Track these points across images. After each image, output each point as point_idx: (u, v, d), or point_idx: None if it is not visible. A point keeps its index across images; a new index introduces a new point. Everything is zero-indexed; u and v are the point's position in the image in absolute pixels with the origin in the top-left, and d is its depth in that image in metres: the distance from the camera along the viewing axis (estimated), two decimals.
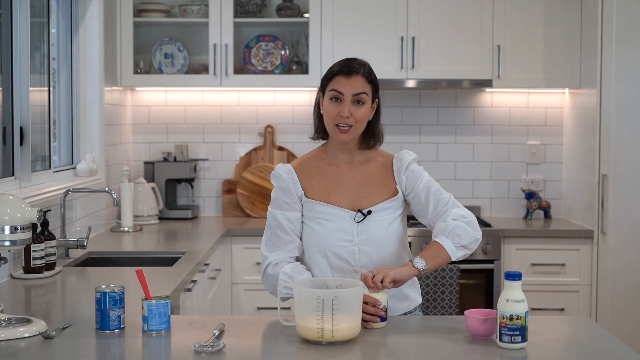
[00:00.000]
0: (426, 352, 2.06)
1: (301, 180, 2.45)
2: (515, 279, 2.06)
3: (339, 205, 2.42)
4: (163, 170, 4.75)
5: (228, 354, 1.98)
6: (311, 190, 2.44)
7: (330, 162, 2.48)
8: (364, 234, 2.40)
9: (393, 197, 2.44)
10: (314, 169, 2.47)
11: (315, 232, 2.42)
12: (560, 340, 2.23)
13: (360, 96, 2.38)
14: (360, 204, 2.42)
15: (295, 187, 2.44)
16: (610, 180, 4.29)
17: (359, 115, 2.38)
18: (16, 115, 3.29)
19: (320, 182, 2.45)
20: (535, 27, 4.60)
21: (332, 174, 2.46)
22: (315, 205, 2.42)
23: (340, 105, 2.37)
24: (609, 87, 4.26)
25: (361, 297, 2.11)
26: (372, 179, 2.46)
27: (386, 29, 4.56)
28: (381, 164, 2.49)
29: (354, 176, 2.46)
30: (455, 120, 4.95)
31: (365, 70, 2.41)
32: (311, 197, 2.43)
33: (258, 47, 4.75)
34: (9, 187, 3.19)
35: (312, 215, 2.43)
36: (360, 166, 2.47)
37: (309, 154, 2.53)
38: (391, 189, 2.46)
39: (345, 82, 2.37)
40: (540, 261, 4.40)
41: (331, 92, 2.38)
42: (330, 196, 2.43)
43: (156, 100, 4.93)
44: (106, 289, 2.15)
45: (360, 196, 2.43)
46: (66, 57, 4.10)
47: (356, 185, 2.44)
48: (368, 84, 2.40)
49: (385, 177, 2.47)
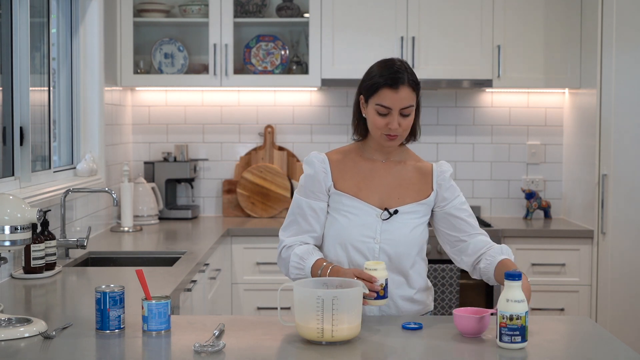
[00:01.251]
0: (426, 352, 2.06)
1: (333, 171, 2.45)
2: (515, 279, 2.06)
3: (368, 201, 2.42)
4: (163, 170, 4.75)
5: (228, 354, 1.98)
6: (342, 183, 2.44)
7: (366, 158, 2.48)
8: (387, 233, 2.40)
9: (423, 201, 2.45)
10: (349, 162, 2.47)
11: (340, 224, 2.41)
12: (560, 340, 2.23)
13: (407, 109, 2.37)
14: (390, 203, 2.43)
15: (325, 177, 2.44)
16: (610, 180, 4.29)
17: (407, 125, 2.39)
18: (16, 115, 3.29)
19: (353, 176, 2.45)
20: (535, 27, 4.60)
21: (366, 170, 2.46)
22: (343, 198, 2.43)
23: (387, 117, 2.36)
24: (609, 87, 4.26)
25: (361, 297, 2.11)
26: (406, 181, 2.47)
27: (386, 29, 4.56)
28: (417, 168, 2.50)
29: (387, 175, 2.46)
30: (455, 120, 4.95)
31: (409, 77, 2.38)
32: (341, 190, 2.43)
33: (258, 47, 4.75)
34: (9, 187, 3.19)
35: (339, 207, 2.43)
36: (396, 167, 2.48)
37: (346, 147, 2.54)
38: (424, 194, 2.47)
39: (393, 97, 2.35)
40: (540, 261, 4.40)
41: (378, 107, 2.36)
42: (360, 191, 2.43)
43: (156, 100, 4.93)
44: (106, 289, 2.16)
45: (391, 196, 2.44)
46: (66, 57, 4.10)
47: (389, 185, 2.45)
48: (413, 92, 2.38)
49: (420, 182, 2.48)
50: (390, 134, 2.37)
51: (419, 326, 2.23)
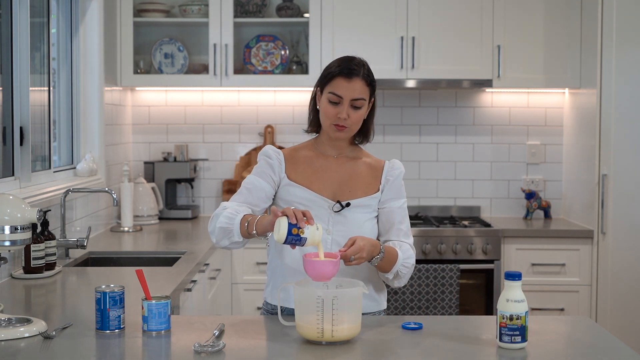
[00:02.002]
0: (426, 352, 2.06)
1: (287, 164, 2.48)
2: (515, 279, 2.06)
3: (320, 193, 2.43)
4: (163, 170, 4.75)
5: (228, 354, 1.98)
6: (295, 176, 2.47)
7: (319, 154, 2.50)
8: (340, 225, 2.41)
9: (373, 195, 2.46)
10: (302, 158, 2.50)
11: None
12: (560, 340, 2.23)
13: (358, 102, 2.39)
14: (341, 196, 2.44)
15: (279, 167, 2.47)
16: (610, 180, 4.29)
17: (357, 118, 2.41)
18: (16, 115, 3.29)
19: (305, 169, 2.48)
20: (535, 27, 4.60)
21: (318, 165, 2.48)
22: (296, 190, 2.44)
23: (338, 107, 2.39)
24: (609, 87, 4.26)
25: (361, 297, 2.11)
26: (357, 175, 2.48)
27: (386, 29, 4.56)
28: (368, 164, 2.51)
29: (339, 170, 2.48)
30: (455, 120, 4.95)
31: (364, 72, 2.41)
32: (294, 181, 2.45)
33: (258, 47, 4.75)
34: (9, 187, 3.19)
35: (292, 199, 2.44)
36: (348, 162, 2.50)
37: (301, 144, 2.57)
38: (374, 189, 2.48)
39: (346, 86, 2.38)
40: (540, 261, 4.40)
41: (330, 95, 2.40)
42: (313, 184, 2.45)
43: (156, 100, 4.93)
44: (106, 289, 2.15)
45: (343, 189, 2.45)
46: (66, 57, 4.10)
47: (340, 179, 2.47)
48: (367, 87, 2.41)
49: (371, 177, 2.49)
50: (339, 124, 2.39)
51: (419, 326, 2.23)
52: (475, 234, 4.38)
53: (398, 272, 2.39)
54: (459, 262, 4.33)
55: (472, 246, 4.35)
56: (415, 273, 4.22)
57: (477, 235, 4.37)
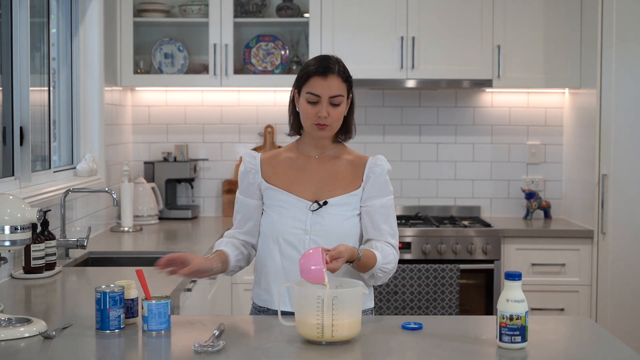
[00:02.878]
0: (426, 352, 2.06)
1: (265, 168, 2.49)
2: (515, 279, 2.06)
3: (299, 195, 2.44)
4: (163, 170, 4.75)
5: (228, 354, 1.98)
6: (274, 179, 2.48)
7: (299, 154, 2.51)
8: (317, 224, 2.41)
9: (353, 192, 2.45)
10: (282, 160, 2.51)
11: (271, 218, 2.45)
12: (560, 340, 2.23)
13: (336, 98, 2.40)
14: (321, 196, 2.44)
15: (254, 175, 2.49)
16: (610, 180, 4.29)
17: (337, 115, 2.42)
18: (16, 115, 3.29)
19: (285, 172, 2.48)
20: (535, 27, 4.60)
21: (298, 166, 2.49)
22: (275, 193, 2.45)
23: (317, 106, 2.40)
24: (609, 87, 4.26)
25: (361, 297, 2.11)
26: (338, 174, 2.47)
27: (386, 29, 4.56)
28: (350, 161, 2.50)
29: (320, 170, 2.48)
30: (455, 120, 4.95)
31: (340, 69, 2.43)
32: (273, 184, 2.47)
33: (258, 47, 4.75)
34: (9, 187, 3.19)
35: (272, 203, 2.46)
36: (329, 161, 2.49)
37: (284, 147, 2.58)
38: (354, 186, 2.46)
39: (322, 84, 2.39)
40: (540, 261, 4.40)
41: (308, 95, 2.41)
42: (292, 186, 2.46)
43: (156, 100, 4.93)
44: (106, 289, 2.15)
45: (323, 189, 2.45)
46: (66, 57, 4.10)
47: (320, 179, 2.46)
48: (343, 83, 2.43)
49: (352, 175, 2.48)
50: (320, 122, 2.40)
51: (419, 326, 2.23)
52: (475, 234, 4.38)
53: (374, 274, 2.39)
54: (459, 262, 4.33)
55: (472, 246, 4.35)
56: (415, 273, 4.23)
57: (477, 235, 4.37)
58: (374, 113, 4.93)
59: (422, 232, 4.37)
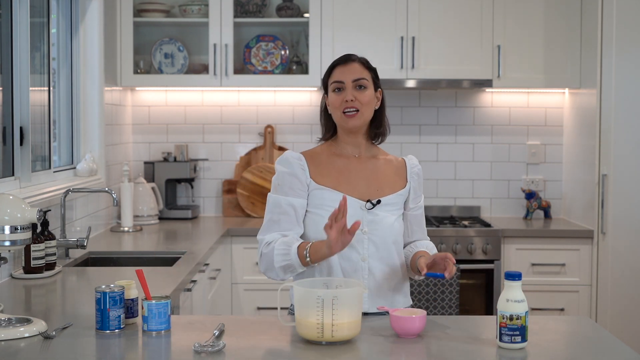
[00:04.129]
0: (426, 352, 2.06)
1: (310, 168, 2.45)
2: (515, 279, 2.06)
3: (349, 194, 2.42)
4: (163, 170, 4.75)
5: (228, 354, 1.98)
6: (321, 179, 2.44)
7: (339, 154, 2.50)
8: (373, 223, 2.42)
9: (400, 192, 2.49)
10: (323, 159, 2.49)
11: (324, 219, 2.33)
12: (560, 340, 2.23)
13: (360, 81, 2.43)
14: (371, 195, 2.44)
15: (303, 174, 2.43)
16: (610, 180, 4.29)
17: (363, 99, 2.42)
18: (16, 115, 3.29)
19: (330, 171, 2.46)
20: (535, 27, 4.60)
21: (342, 165, 2.48)
22: (325, 193, 2.42)
23: (343, 93, 2.42)
24: (609, 87, 4.26)
25: (361, 297, 2.11)
26: (382, 173, 2.49)
27: (386, 29, 4.56)
28: (389, 161, 2.54)
29: (363, 169, 2.48)
30: (455, 120, 4.95)
31: (360, 58, 2.49)
32: (321, 184, 2.43)
33: (258, 47, 4.75)
34: (9, 187, 3.19)
35: (321, 203, 2.41)
36: (370, 161, 2.51)
37: (318, 147, 2.55)
38: (400, 186, 2.50)
39: (344, 70, 2.44)
40: (540, 261, 4.40)
41: (333, 85, 2.44)
42: (340, 185, 2.44)
43: (156, 100, 4.93)
44: (106, 289, 2.15)
45: (370, 188, 2.45)
46: (66, 57, 4.10)
47: (366, 178, 2.47)
48: (366, 70, 2.47)
49: (395, 175, 2.51)
50: (348, 107, 2.40)
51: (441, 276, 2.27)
52: (475, 234, 4.38)
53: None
54: (459, 262, 4.32)
55: (472, 246, 4.35)
56: None
57: (477, 235, 4.38)
58: None
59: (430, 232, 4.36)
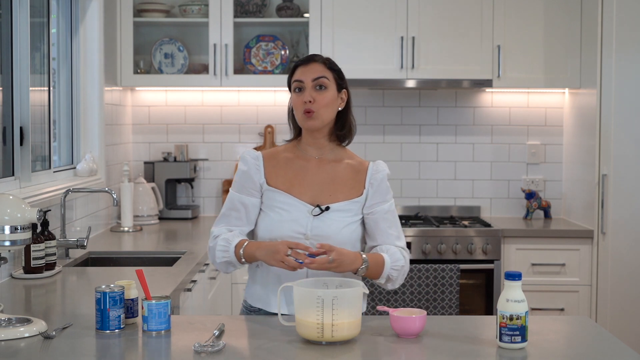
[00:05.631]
0: (426, 352, 2.06)
1: (266, 168, 2.47)
2: (515, 279, 2.06)
3: (300, 197, 2.42)
4: (163, 170, 4.75)
5: (228, 354, 1.98)
6: (275, 180, 2.46)
7: (299, 155, 2.50)
8: (318, 229, 2.40)
9: (355, 199, 2.44)
10: (282, 160, 2.49)
11: (272, 220, 2.42)
12: (560, 340, 2.23)
13: (320, 80, 2.41)
14: (322, 200, 2.43)
15: (257, 174, 2.46)
16: (610, 180, 4.29)
17: (322, 100, 2.41)
18: (16, 115, 3.29)
19: (286, 173, 2.47)
20: (535, 27, 4.60)
21: (299, 168, 2.47)
22: (276, 194, 2.44)
23: (303, 93, 2.42)
24: (609, 87, 4.26)
25: (361, 297, 2.11)
26: (339, 179, 2.46)
27: (386, 29, 4.56)
28: (351, 166, 2.49)
29: (320, 173, 2.46)
30: (455, 120, 4.95)
31: (323, 59, 2.46)
32: (273, 186, 2.45)
33: (258, 47, 4.75)
34: (9, 187, 3.19)
35: (272, 204, 2.44)
36: (329, 164, 2.48)
37: (282, 146, 2.57)
38: (357, 193, 2.46)
39: (305, 70, 2.43)
40: (540, 261, 4.40)
41: (294, 84, 2.45)
42: (293, 187, 2.44)
43: (156, 100, 4.93)
44: (106, 289, 2.15)
45: (323, 193, 2.44)
46: (66, 57, 4.10)
47: (321, 182, 2.45)
48: (327, 69, 2.44)
49: (353, 180, 2.47)
50: (306, 109, 2.40)
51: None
52: (475, 234, 4.38)
53: (389, 277, 2.40)
54: (459, 262, 4.33)
55: (472, 246, 4.35)
56: (415, 273, 4.23)
57: (477, 235, 4.37)
58: (374, 113, 4.93)
59: (422, 232, 4.37)
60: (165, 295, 2.19)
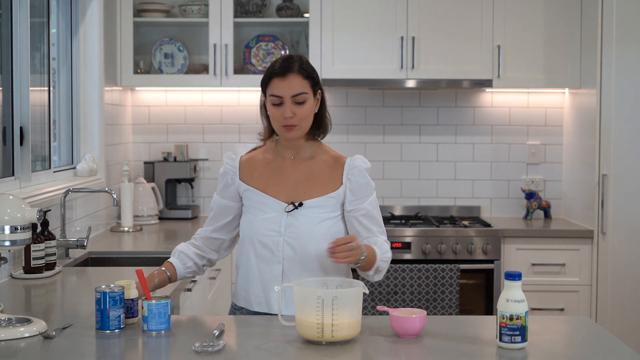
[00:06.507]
0: (426, 352, 2.06)
1: (243, 170, 2.52)
2: (515, 279, 2.06)
3: (275, 197, 2.44)
4: (163, 170, 4.75)
5: (228, 354, 1.98)
6: (252, 181, 2.49)
7: (276, 155, 2.52)
8: (292, 226, 2.40)
9: (331, 194, 2.43)
10: (259, 162, 2.53)
11: (249, 220, 2.46)
12: (560, 340, 2.23)
13: (299, 97, 2.39)
14: (297, 198, 2.44)
15: (233, 176, 2.51)
16: (610, 180, 4.29)
17: (303, 114, 2.40)
18: (16, 115, 3.29)
19: (262, 173, 2.49)
20: (535, 27, 4.60)
21: (275, 168, 2.49)
22: (253, 195, 2.47)
23: (281, 107, 2.40)
24: (609, 87, 4.26)
25: (361, 297, 2.11)
26: (315, 175, 2.47)
27: (386, 29, 4.56)
28: (327, 162, 2.49)
29: (296, 171, 2.48)
30: (455, 120, 4.95)
31: (300, 67, 2.40)
32: (251, 187, 2.48)
33: (258, 47, 4.75)
34: (9, 187, 3.19)
35: (250, 204, 2.48)
36: (305, 162, 2.48)
37: (261, 147, 2.60)
38: (333, 188, 2.45)
39: (282, 84, 2.39)
40: (540, 261, 4.40)
41: (271, 98, 2.43)
42: (268, 187, 2.46)
43: (156, 100, 4.93)
44: (106, 289, 2.15)
45: (298, 191, 2.44)
46: (66, 57, 4.10)
47: (296, 180, 2.46)
48: (305, 80, 2.40)
49: (329, 176, 2.46)
50: (287, 124, 2.39)
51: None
52: (475, 234, 4.38)
53: (378, 268, 2.41)
54: (459, 262, 4.33)
55: (472, 246, 4.35)
56: (415, 273, 4.23)
57: (477, 235, 4.37)
58: (374, 113, 4.93)
59: (422, 232, 4.37)
60: (165, 295, 2.19)
